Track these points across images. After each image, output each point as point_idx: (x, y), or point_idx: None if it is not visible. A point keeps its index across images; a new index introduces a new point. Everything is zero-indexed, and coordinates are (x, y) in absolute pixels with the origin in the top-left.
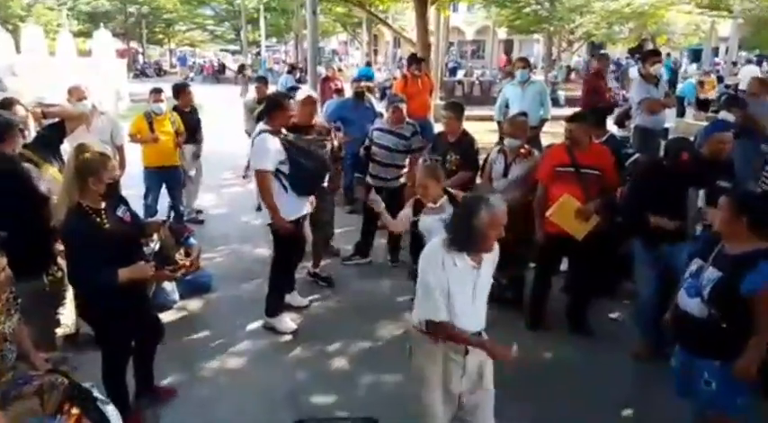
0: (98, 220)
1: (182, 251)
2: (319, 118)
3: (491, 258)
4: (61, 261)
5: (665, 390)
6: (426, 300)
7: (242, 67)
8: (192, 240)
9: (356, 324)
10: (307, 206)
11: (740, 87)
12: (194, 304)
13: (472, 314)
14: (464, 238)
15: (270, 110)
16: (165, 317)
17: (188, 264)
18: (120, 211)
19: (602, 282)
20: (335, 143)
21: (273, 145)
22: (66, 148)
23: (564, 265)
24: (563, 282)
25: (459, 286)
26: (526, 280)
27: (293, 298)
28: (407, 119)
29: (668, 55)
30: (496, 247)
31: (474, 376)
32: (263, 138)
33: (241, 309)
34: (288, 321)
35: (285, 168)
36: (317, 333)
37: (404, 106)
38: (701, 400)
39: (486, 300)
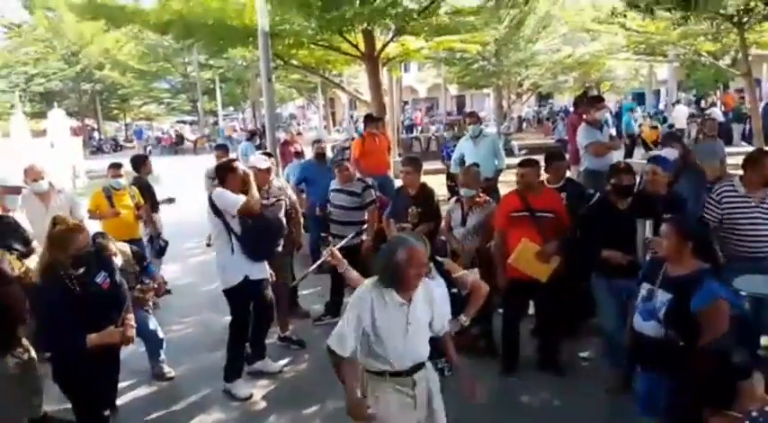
0: (69, 285)
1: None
2: (275, 181)
3: (424, 295)
4: (27, 343)
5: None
6: (340, 332)
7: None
8: (152, 267)
9: (330, 384)
10: (263, 270)
11: (675, 126)
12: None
13: (406, 349)
14: (387, 275)
15: (221, 175)
16: (137, 389)
17: (156, 286)
18: (100, 278)
19: (569, 321)
20: (291, 200)
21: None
22: (28, 227)
23: (531, 309)
24: (532, 326)
25: (390, 323)
26: (494, 327)
27: (265, 364)
28: (357, 175)
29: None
30: (430, 284)
31: (425, 404)
32: (218, 191)
33: (212, 378)
34: (243, 387)
35: (236, 226)
36: (292, 397)
37: (349, 164)
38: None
39: (426, 334)
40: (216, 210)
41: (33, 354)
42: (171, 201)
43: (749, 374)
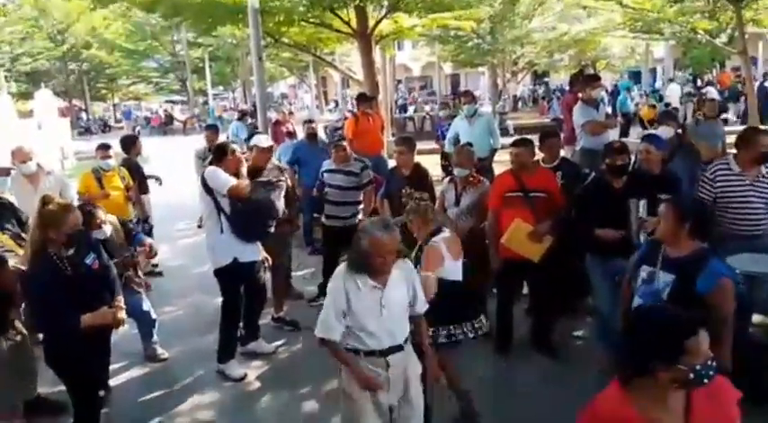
0: (60, 266)
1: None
2: (274, 160)
3: (401, 277)
4: (20, 325)
5: None
6: (323, 319)
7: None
8: (141, 236)
9: (324, 365)
10: (255, 252)
11: (670, 104)
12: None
13: (383, 331)
14: (355, 262)
15: (218, 155)
16: (131, 370)
17: (147, 249)
18: (90, 259)
19: (563, 301)
20: (290, 183)
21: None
22: (17, 205)
23: (525, 289)
24: (526, 305)
25: (364, 306)
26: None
27: (259, 345)
28: (354, 155)
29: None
30: (408, 266)
31: (400, 388)
32: (211, 169)
33: (204, 360)
34: (237, 367)
35: (226, 206)
36: (286, 377)
37: (347, 144)
38: None
39: (402, 316)
40: (207, 188)
41: (27, 335)
42: (158, 180)
43: (695, 332)
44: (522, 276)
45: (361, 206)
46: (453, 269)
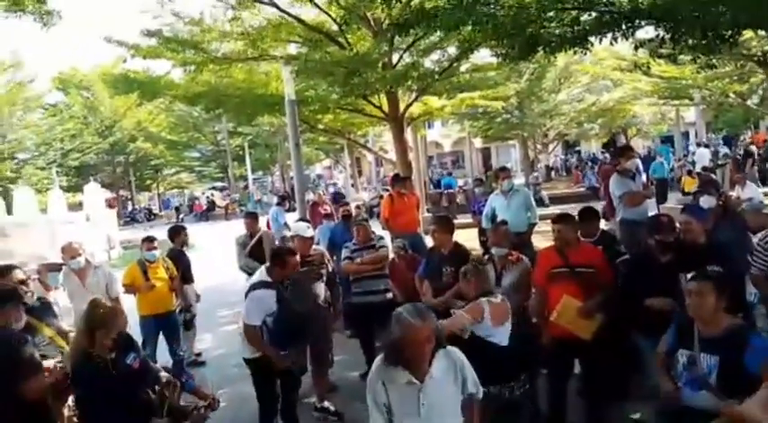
0: (105, 368)
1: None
2: (314, 247)
3: (445, 368)
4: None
5: None
6: (370, 417)
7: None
8: (190, 383)
9: None
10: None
11: (697, 169)
12: None
13: None
14: (389, 353)
15: (272, 262)
16: None
17: (208, 402)
18: (130, 359)
19: (617, 381)
20: (330, 268)
21: (266, 300)
22: (67, 304)
23: (576, 368)
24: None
25: (402, 403)
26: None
27: None
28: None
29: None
30: (454, 353)
31: None
32: (257, 293)
33: None
34: None
35: (270, 321)
36: None
37: (366, 224)
38: None
39: (450, 413)
40: None
41: None
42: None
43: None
44: (574, 355)
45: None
46: (492, 331)
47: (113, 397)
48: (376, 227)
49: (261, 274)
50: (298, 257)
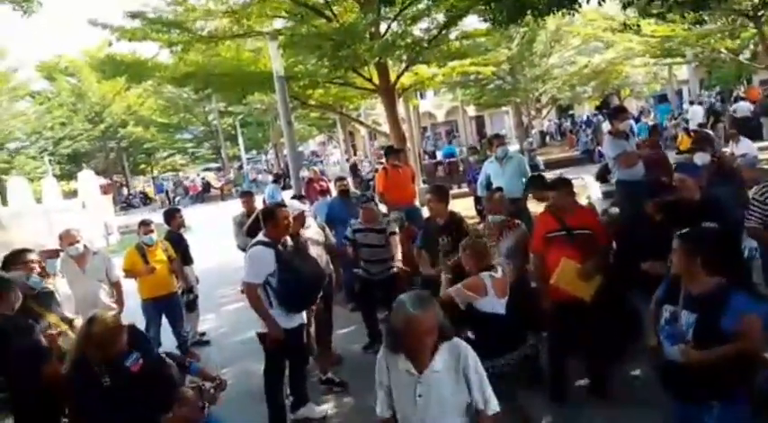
0: (99, 375)
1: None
2: (311, 220)
3: (449, 363)
4: None
5: None
6: (379, 400)
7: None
8: (195, 365)
9: None
10: (299, 318)
11: (692, 126)
12: None
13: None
14: (389, 340)
15: (264, 222)
16: None
17: (216, 383)
18: (130, 361)
19: (618, 341)
20: (332, 240)
21: (264, 257)
22: (66, 291)
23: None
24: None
25: (400, 390)
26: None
27: (309, 410)
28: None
29: (639, 117)
30: (463, 349)
31: None
32: (255, 250)
33: None
34: None
35: (273, 282)
36: None
37: (373, 205)
38: None
39: (448, 412)
40: None
41: None
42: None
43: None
44: (574, 318)
45: (397, 257)
46: (496, 304)
47: (104, 405)
48: None
49: (259, 236)
50: (289, 213)
